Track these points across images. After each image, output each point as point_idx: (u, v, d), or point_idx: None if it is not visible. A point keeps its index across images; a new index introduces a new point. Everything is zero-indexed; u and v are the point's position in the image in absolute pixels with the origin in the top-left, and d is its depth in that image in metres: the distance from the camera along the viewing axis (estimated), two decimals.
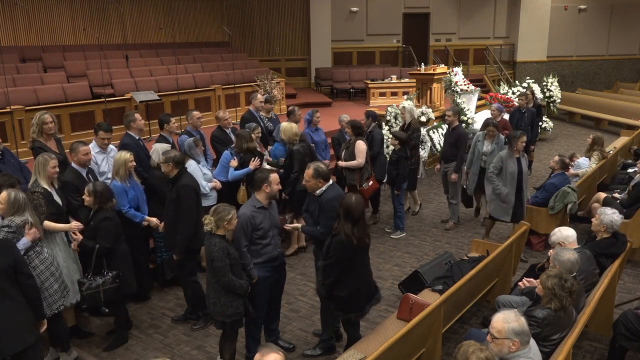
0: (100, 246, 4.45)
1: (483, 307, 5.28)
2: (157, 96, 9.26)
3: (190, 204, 4.83)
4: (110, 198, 4.58)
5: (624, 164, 8.80)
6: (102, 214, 4.51)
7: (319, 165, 4.43)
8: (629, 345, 4.10)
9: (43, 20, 11.92)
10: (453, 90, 10.67)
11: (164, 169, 4.93)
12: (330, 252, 3.98)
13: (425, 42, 17.70)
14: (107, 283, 4.44)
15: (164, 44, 13.78)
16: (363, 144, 6.70)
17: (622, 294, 5.43)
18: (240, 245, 4.13)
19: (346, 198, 4.00)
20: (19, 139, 7.76)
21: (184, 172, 4.91)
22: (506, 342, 2.96)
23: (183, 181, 4.84)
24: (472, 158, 7.16)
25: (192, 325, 5.10)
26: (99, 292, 4.41)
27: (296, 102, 12.08)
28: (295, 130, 6.28)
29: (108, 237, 4.47)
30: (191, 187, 4.87)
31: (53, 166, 4.60)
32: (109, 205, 4.56)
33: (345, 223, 3.91)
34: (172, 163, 4.84)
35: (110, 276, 4.47)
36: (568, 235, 4.54)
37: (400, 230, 7.29)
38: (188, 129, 6.67)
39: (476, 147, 7.10)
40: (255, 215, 4.16)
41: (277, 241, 4.42)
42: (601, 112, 14.80)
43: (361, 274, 4.12)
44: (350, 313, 4.15)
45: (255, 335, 4.47)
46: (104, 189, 4.55)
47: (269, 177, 4.20)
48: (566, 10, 18.05)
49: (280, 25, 16.22)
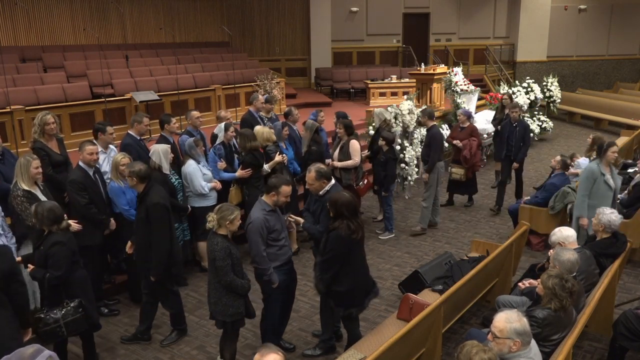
0: (50, 275, 3.93)
1: (483, 307, 5.28)
2: (157, 96, 9.26)
3: (162, 223, 4.47)
4: (57, 220, 3.99)
5: (624, 164, 8.80)
6: (51, 238, 3.97)
7: (319, 166, 4.44)
8: (629, 345, 4.11)
9: (43, 20, 11.92)
10: (453, 90, 10.67)
11: (129, 183, 4.59)
12: (328, 247, 4.01)
13: (425, 42, 17.70)
14: (68, 315, 3.96)
15: (164, 44, 13.78)
16: (357, 143, 6.68)
17: (622, 294, 5.43)
18: (260, 250, 4.07)
19: (340, 197, 4.01)
20: (19, 139, 7.75)
21: (151, 188, 4.51)
22: (507, 342, 2.96)
23: (152, 199, 4.43)
24: None
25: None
26: (60, 327, 3.93)
27: (296, 102, 12.09)
28: (266, 136, 6.29)
29: (59, 265, 3.93)
30: (161, 205, 4.46)
31: (36, 167, 4.57)
32: (58, 228, 4.01)
33: (350, 218, 3.94)
34: (136, 177, 4.45)
35: (71, 307, 3.99)
36: (568, 235, 4.54)
37: (389, 231, 7.23)
38: (188, 129, 6.67)
39: None
40: (268, 218, 4.15)
41: (289, 243, 4.43)
42: (601, 112, 14.80)
43: (358, 268, 4.15)
44: (351, 308, 4.18)
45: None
46: (46, 209, 3.96)
47: (280, 188, 4.15)
48: (566, 10, 18.05)
49: (280, 25, 16.22)
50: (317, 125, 6.76)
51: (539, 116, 12.82)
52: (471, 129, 8.08)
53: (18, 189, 4.49)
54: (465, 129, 8.07)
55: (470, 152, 7.83)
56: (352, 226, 3.93)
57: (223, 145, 6.44)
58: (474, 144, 7.90)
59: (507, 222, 7.49)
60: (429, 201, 7.30)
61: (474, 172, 8.17)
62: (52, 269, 3.94)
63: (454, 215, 8.11)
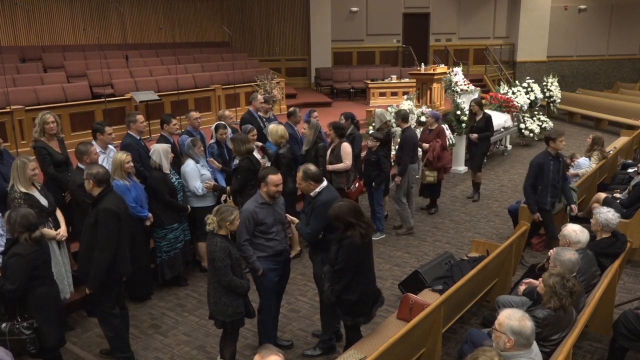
0: (4, 288, 3.64)
1: (483, 307, 5.28)
2: (157, 96, 9.27)
3: (108, 230, 4.03)
4: (29, 228, 3.73)
5: (624, 164, 8.80)
6: (14, 248, 3.70)
7: (307, 167, 4.40)
8: (629, 345, 4.10)
9: (43, 20, 11.93)
10: (453, 90, 10.66)
11: (85, 186, 4.22)
12: (340, 256, 3.91)
13: (425, 42, 17.71)
14: (13, 333, 3.66)
15: (164, 44, 13.79)
16: (348, 146, 6.55)
17: (622, 294, 5.43)
18: (241, 238, 4.18)
19: (340, 208, 3.92)
20: (19, 139, 7.77)
21: (107, 193, 4.16)
22: (502, 337, 3.03)
23: (105, 204, 4.07)
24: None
25: None
26: (5, 342, 3.66)
27: (296, 102, 12.09)
28: (281, 133, 6.27)
29: (14, 278, 3.64)
30: (112, 212, 4.07)
31: (32, 168, 4.51)
32: (29, 237, 3.73)
33: (358, 225, 3.86)
34: (92, 180, 4.11)
35: (21, 326, 3.69)
36: (579, 240, 4.50)
37: (380, 231, 7.17)
38: (188, 129, 6.68)
39: None
40: (258, 210, 4.21)
41: (282, 237, 4.43)
42: (601, 112, 14.80)
43: (369, 276, 4.11)
44: (359, 317, 4.09)
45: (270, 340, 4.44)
46: (19, 215, 3.73)
47: (267, 177, 4.23)
48: (566, 10, 18.06)
49: (280, 25, 16.23)
50: (320, 125, 6.74)
51: (539, 116, 12.82)
52: (438, 130, 7.91)
53: (15, 192, 4.45)
54: (432, 131, 7.93)
55: (433, 154, 7.71)
56: (363, 231, 3.86)
57: (217, 144, 6.47)
58: (437, 145, 7.73)
59: (507, 222, 7.49)
60: (400, 203, 7.24)
61: (445, 174, 8.04)
62: (7, 282, 3.66)
63: (454, 215, 8.11)
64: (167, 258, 5.67)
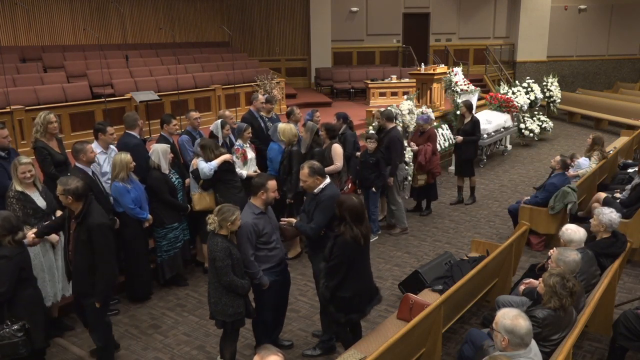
0: None
1: (483, 307, 5.28)
2: (157, 96, 9.25)
3: (108, 246, 4.04)
4: (11, 230, 3.73)
5: (624, 164, 8.81)
6: None
7: (312, 162, 4.43)
8: (629, 345, 4.11)
9: (43, 20, 11.92)
10: (453, 90, 10.68)
11: (62, 201, 4.01)
12: (334, 253, 3.94)
13: (425, 42, 17.70)
14: (5, 337, 3.64)
15: (164, 44, 13.78)
16: (339, 147, 6.51)
17: (622, 294, 5.43)
18: (247, 254, 4.07)
19: (348, 200, 3.95)
20: (19, 139, 7.75)
21: (91, 206, 4.01)
22: (498, 335, 3.05)
23: (95, 219, 3.95)
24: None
25: None
26: None
27: (296, 102, 12.07)
28: (294, 132, 6.30)
29: (2, 281, 3.65)
30: (107, 226, 4.07)
31: (22, 171, 4.48)
32: (12, 240, 3.73)
33: (354, 224, 3.87)
34: (71, 196, 3.89)
35: (11, 329, 3.67)
36: (580, 238, 4.52)
37: (373, 233, 7.07)
38: (188, 129, 6.68)
39: None
40: (257, 222, 4.12)
41: (281, 244, 4.41)
42: (601, 112, 14.80)
43: (364, 274, 4.10)
44: (352, 314, 4.10)
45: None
46: (1, 219, 3.72)
47: (267, 184, 4.15)
48: (566, 10, 18.06)
49: (280, 25, 16.22)
50: (317, 126, 6.71)
51: (539, 116, 12.83)
52: (429, 134, 7.84)
53: (11, 190, 4.49)
54: (423, 134, 7.85)
55: (425, 157, 7.65)
56: (354, 232, 3.86)
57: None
58: (428, 149, 7.67)
59: (507, 222, 7.50)
60: (396, 203, 7.26)
61: (434, 178, 7.93)
62: None
63: (454, 215, 8.11)
64: (167, 257, 5.68)
